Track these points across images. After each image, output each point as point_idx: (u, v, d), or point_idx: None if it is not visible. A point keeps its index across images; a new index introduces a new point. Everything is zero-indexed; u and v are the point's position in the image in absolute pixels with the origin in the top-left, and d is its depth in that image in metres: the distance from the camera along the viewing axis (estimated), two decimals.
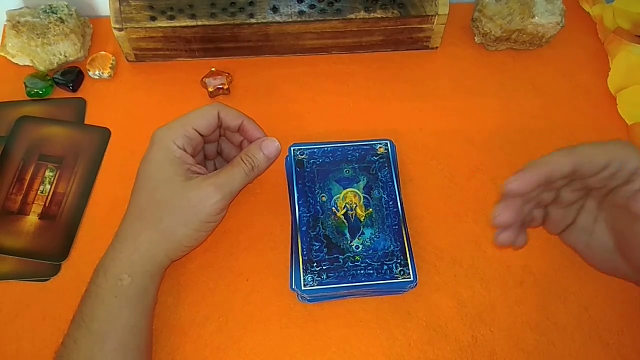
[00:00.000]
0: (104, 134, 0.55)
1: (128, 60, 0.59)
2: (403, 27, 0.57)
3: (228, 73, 0.58)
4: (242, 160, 0.44)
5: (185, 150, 0.44)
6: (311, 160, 0.50)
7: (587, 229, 0.40)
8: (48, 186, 0.52)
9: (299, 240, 0.46)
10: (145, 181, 0.43)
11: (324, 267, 0.45)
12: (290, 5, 0.55)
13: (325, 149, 0.51)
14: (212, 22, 0.55)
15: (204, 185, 0.42)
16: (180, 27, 0.55)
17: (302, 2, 0.55)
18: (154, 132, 0.44)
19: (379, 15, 0.55)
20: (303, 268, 0.45)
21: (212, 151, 0.49)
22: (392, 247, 0.46)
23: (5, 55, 0.58)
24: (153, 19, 0.55)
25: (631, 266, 0.40)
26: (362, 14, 0.55)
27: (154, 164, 0.43)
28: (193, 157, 0.44)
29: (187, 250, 0.45)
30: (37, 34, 0.57)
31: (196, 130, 0.44)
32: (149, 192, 0.43)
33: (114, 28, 0.55)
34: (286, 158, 0.51)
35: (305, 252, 0.46)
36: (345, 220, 0.47)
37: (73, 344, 0.39)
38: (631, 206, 0.37)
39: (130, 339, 0.40)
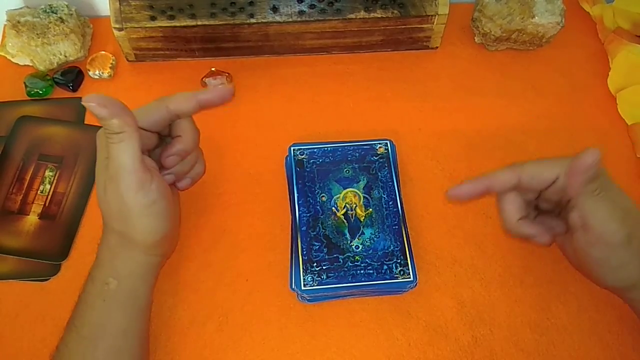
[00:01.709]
0: None
1: (128, 60, 0.59)
2: (403, 27, 0.57)
3: (228, 73, 0.58)
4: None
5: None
6: (311, 160, 0.50)
7: (568, 235, 0.42)
8: (48, 186, 0.52)
9: (299, 240, 0.46)
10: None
11: (323, 267, 0.45)
12: (290, 5, 0.55)
13: (325, 149, 0.51)
14: (212, 22, 0.55)
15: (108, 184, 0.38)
16: (180, 26, 0.55)
17: (302, 2, 0.55)
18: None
19: (379, 15, 0.55)
20: (303, 268, 0.45)
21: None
22: (392, 247, 0.46)
23: (5, 55, 0.58)
24: (153, 18, 0.55)
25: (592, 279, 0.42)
26: (362, 14, 0.55)
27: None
28: (149, 152, 0.42)
29: (163, 242, 0.41)
30: (37, 34, 0.57)
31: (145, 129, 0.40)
32: (99, 197, 0.40)
33: (114, 28, 0.55)
34: (286, 158, 0.51)
35: (305, 252, 0.46)
36: (345, 220, 0.47)
37: (65, 349, 0.39)
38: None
39: (122, 342, 0.40)
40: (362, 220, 0.47)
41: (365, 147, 0.51)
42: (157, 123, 0.40)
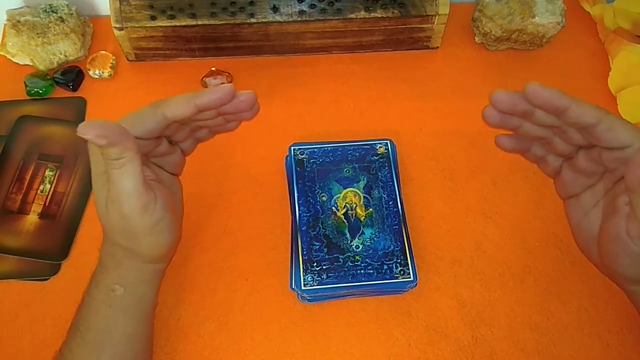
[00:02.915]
0: None
1: (128, 60, 0.59)
2: (403, 27, 0.57)
3: (228, 73, 0.58)
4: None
5: None
6: (311, 160, 0.50)
7: (585, 209, 0.40)
8: (48, 185, 0.52)
9: (299, 240, 0.46)
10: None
11: (324, 267, 0.45)
12: (291, 5, 0.55)
13: (326, 148, 0.51)
14: (212, 22, 0.55)
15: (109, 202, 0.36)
16: (181, 26, 0.55)
17: (302, 1, 0.55)
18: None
19: (380, 15, 0.55)
20: (303, 268, 0.45)
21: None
22: (392, 247, 0.46)
23: (6, 55, 0.58)
24: (153, 18, 0.55)
25: (602, 261, 0.40)
26: (362, 14, 0.55)
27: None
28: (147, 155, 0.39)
29: (169, 251, 0.41)
30: (37, 34, 0.57)
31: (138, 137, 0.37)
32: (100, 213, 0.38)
33: (114, 27, 0.55)
34: (286, 158, 0.51)
35: (305, 252, 0.46)
36: (345, 220, 0.47)
37: (69, 353, 0.38)
38: (616, 201, 0.37)
39: (127, 347, 0.39)
40: (362, 220, 0.47)
41: (365, 147, 0.51)
42: (153, 131, 0.37)
